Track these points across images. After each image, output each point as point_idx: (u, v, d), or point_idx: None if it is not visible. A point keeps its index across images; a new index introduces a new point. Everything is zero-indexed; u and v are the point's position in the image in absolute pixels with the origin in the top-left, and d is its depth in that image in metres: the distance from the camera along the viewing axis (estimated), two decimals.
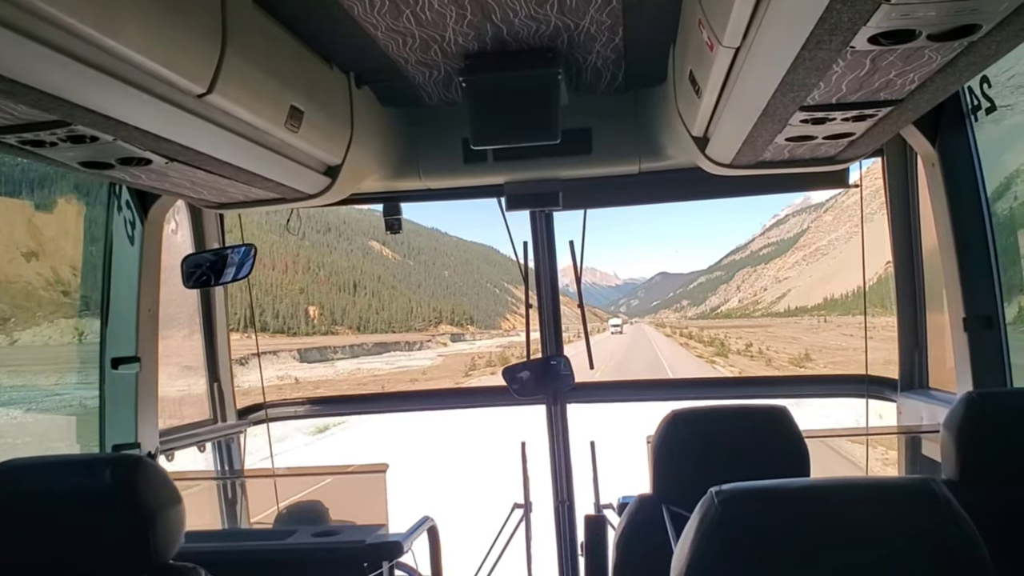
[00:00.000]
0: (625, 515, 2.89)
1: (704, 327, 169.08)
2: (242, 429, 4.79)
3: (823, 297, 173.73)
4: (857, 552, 1.44)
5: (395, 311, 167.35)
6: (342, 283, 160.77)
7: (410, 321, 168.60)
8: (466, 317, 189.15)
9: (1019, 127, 3.61)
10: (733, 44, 1.99)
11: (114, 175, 2.73)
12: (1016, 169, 3.92)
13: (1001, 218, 3.42)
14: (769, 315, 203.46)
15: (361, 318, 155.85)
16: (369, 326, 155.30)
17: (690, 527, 1.52)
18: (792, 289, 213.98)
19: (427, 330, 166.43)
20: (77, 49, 1.74)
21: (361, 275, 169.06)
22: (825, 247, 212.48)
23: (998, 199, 3.38)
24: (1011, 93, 3.27)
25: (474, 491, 18.83)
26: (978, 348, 3.46)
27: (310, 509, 3.90)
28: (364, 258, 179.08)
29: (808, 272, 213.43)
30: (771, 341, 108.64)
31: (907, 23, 1.64)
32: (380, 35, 2.78)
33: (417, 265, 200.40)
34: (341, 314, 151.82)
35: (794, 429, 2.78)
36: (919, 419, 3.95)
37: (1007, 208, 3.64)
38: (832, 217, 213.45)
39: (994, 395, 2.58)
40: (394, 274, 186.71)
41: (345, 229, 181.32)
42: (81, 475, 2.18)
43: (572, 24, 2.81)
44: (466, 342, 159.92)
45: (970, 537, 1.43)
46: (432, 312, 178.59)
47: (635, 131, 3.81)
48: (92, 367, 3.78)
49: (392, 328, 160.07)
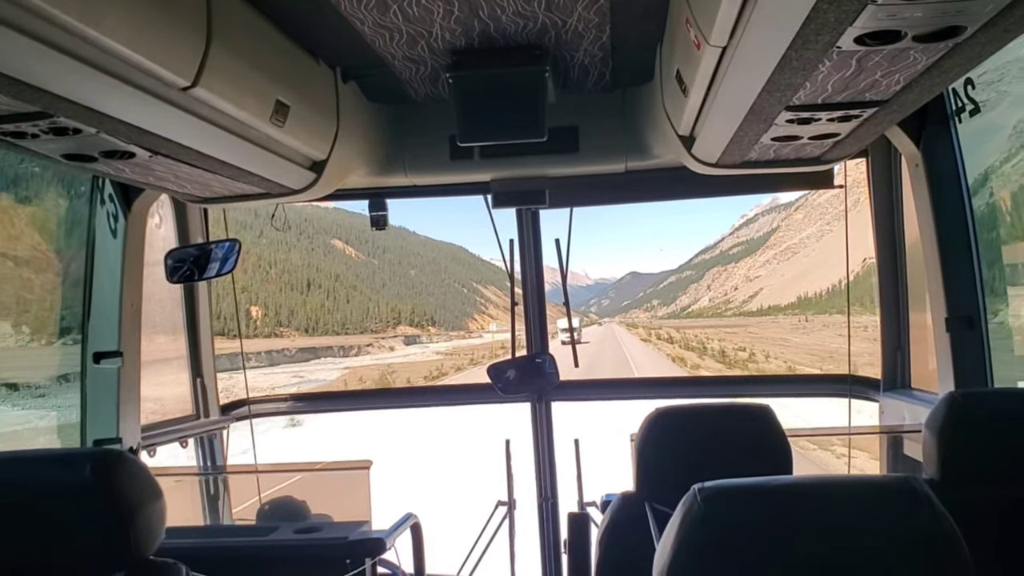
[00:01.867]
0: (608, 513, 2.90)
1: (681, 327, 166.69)
2: (225, 425, 4.77)
3: (797, 296, 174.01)
4: (839, 549, 1.45)
5: (351, 312, 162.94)
6: (294, 282, 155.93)
7: (366, 322, 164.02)
8: (426, 318, 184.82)
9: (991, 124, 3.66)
10: (720, 43, 1.99)
11: (97, 168, 2.70)
12: (989, 166, 3.97)
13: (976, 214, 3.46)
14: (742, 314, 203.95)
15: (310, 319, 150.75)
16: (319, 327, 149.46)
17: (672, 524, 1.53)
18: (764, 288, 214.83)
19: (384, 331, 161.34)
20: (60, 40, 1.72)
21: (317, 273, 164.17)
22: (796, 245, 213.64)
23: (973, 195, 3.43)
24: (982, 90, 3.31)
25: (454, 489, 18.85)
26: (960, 348, 3.48)
27: (292, 505, 3.89)
28: (326, 256, 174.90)
29: (780, 271, 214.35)
30: (760, 344, 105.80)
31: (893, 24, 1.64)
32: (367, 30, 2.77)
33: (382, 264, 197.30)
34: (288, 315, 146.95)
35: (777, 428, 2.79)
36: (901, 419, 3.98)
37: (982, 204, 3.68)
38: (803, 216, 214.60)
39: (976, 395, 2.60)
40: (356, 273, 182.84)
41: (306, 227, 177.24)
42: (60, 470, 2.16)
43: (560, 21, 2.80)
44: (419, 345, 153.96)
45: (951, 535, 1.44)
46: (390, 313, 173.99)
47: (622, 130, 3.81)
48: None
49: (346, 330, 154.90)
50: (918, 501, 1.46)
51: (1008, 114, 3.95)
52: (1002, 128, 4.06)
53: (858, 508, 1.49)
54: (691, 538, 1.47)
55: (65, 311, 4.00)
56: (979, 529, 1.81)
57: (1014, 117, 4.11)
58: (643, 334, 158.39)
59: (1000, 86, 3.56)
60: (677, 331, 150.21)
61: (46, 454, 2.39)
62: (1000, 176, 4.26)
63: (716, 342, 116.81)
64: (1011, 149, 4.28)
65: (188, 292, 4.64)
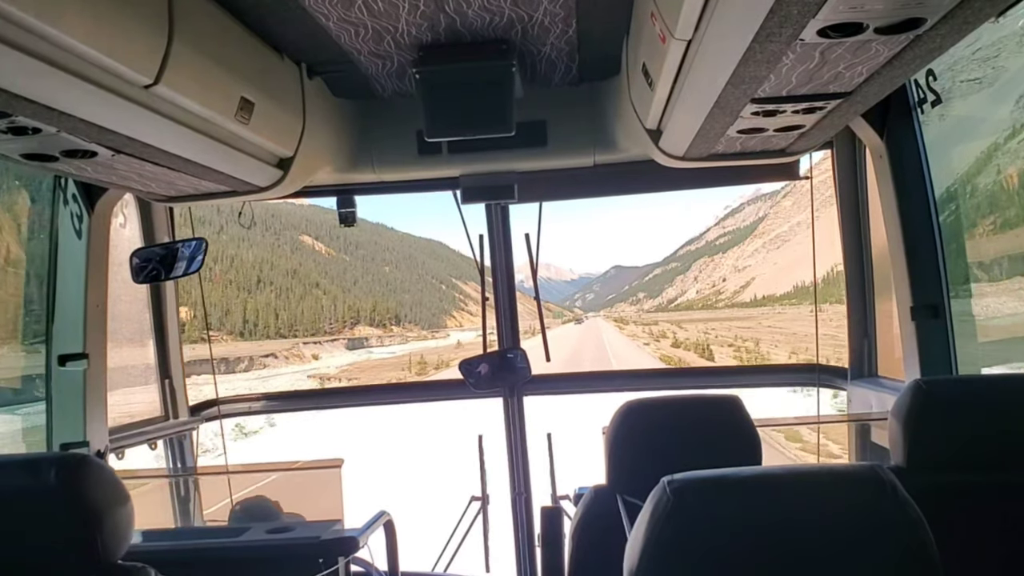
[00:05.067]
0: (580, 506, 2.91)
1: (680, 320, 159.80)
2: (194, 426, 4.73)
3: (792, 285, 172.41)
4: (807, 538, 1.47)
5: (302, 311, 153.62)
6: (241, 280, 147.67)
7: (319, 323, 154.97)
8: (389, 316, 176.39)
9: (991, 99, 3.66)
10: (685, 37, 2.00)
11: (59, 168, 2.66)
12: (992, 143, 3.96)
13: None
14: (735, 305, 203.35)
15: (248, 321, 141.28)
16: (258, 331, 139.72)
17: (643, 516, 1.54)
18: (756, 277, 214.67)
19: (339, 332, 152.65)
20: (16, 37, 1.68)
21: (272, 270, 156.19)
22: (786, 233, 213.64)
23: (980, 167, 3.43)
24: (978, 67, 3.32)
25: (427, 485, 18.84)
26: (925, 337, 3.53)
27: (264, 506, 3.87)
28: (293, 253, 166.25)
29: (772, 259, 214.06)
30: (770, 335, 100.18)
31: (855, 16, 1.66)
32: (332, 25, 2.75)
33: (354, 261, 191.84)
34: (223, 316, 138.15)
35: (746, 418, 2.82)
36: (868, 407, 4.03)
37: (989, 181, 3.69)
38: (792, 203, 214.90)
39: (940, 382, 2.63)
40: (325, 270, 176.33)
41: (273, 222, 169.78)
42: (24, 475, 2.12)
43: (526, 16, 2.80)
44: (365, 350, 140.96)
45: (916, 522, 1.46)
46: (348, 312, 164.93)
47: (590, 123, 3.82)
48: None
49: (294, 332, 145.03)
50: (883, 489, 1.49)
51: (1008, 90, 3.89)
52: (1005, 102, 4.02)
53: (825, 497, 1.51)
54: (661, 530, 1.48)
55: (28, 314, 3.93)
56: (944, 515, 1.84)
57: (1015, 91, 4.05)
58: (631, 328, 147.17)
59: (997, 62, 3.55)
60: (676, 324, 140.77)
61: (9, 459, 2.35)
62: (1007, 153, 4.25)
63: (714, 335, 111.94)
64: (1015, 124, 4.23)
65: (155, 293, 4.59)
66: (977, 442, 2.47)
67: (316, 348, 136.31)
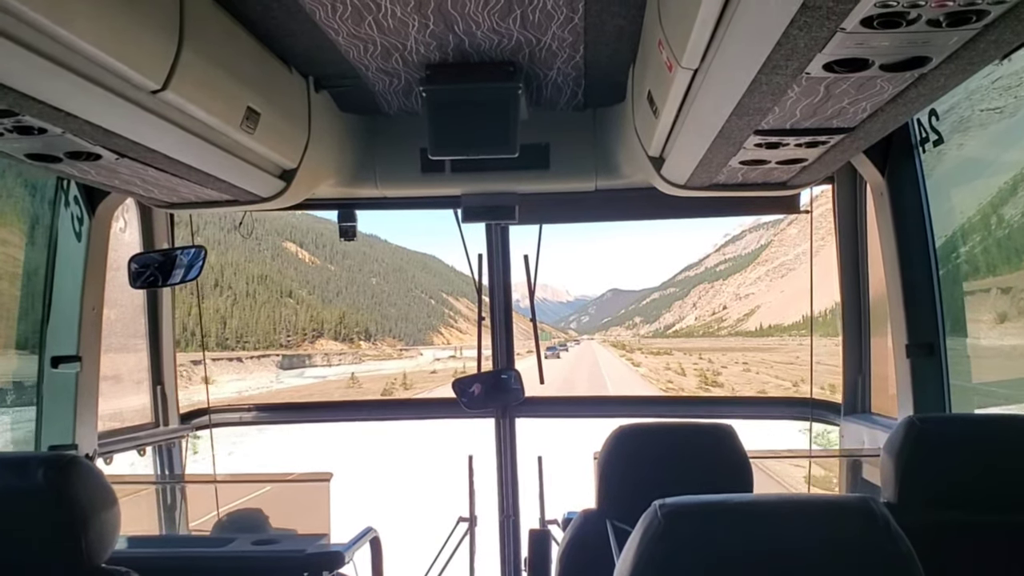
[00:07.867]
0: (569, 530, 2.89)
1: (690, 350, 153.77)
2: (184, 434, 4.70)
3: (802, 315, 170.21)
4: (797, 567, 1.46)
5: (257, 321, 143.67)
6: (191, 285, 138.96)
7: (275, 335, 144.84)
8: (358, 330, 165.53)
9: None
10: (692, 66, 2.01)
11: (62, 169, 2.67)
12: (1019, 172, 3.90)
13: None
14: (739, 334, 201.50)
15: (186, 330, 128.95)
16: (194, 342, 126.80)
17: (633, 540, 1.53)
18: (761, 305, 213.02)
19: (300, 346, 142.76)
20: (27, 37, 1.69)
21: (235, 274, 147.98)
22: (791, 262, 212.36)
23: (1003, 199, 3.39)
24: (999, 95, 3.31)
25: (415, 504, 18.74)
26: (920, 374, 3.54)
27: (251, 517, 3.84)
28: (273, 260, 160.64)
29: (778, 287, 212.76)
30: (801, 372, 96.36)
31: (861, 52, 1.68)
32: (341, 40, 2.77)
33: (340, 271, 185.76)
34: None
35: (739, 448, 2.80)
36: (861, 443, 4.02)
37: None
38: (797, 231, 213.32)
39: (933, 420, 2.63)
40: (306, 279, 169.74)
41: (256, 227, 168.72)
42: (11, 474, 2.10)
43: (534, 39, 2.82)
44: (300, 369, 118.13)
45: (907, 557, 1.46)
46: (310, 323, 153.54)
47: (593, 149, 3.83)
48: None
49: (243, 345, 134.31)
50: (875, 522, 1.48)
51: None
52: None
53: (816, 527, 1.50)
54: (650, 554, 1.48)
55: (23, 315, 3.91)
56: (934, 552, 1.83)
57: None
58: (630, 355, 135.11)
59: (1020, 91, 3.50)
60: (686, 354, 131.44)
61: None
62: None
63: (732, 365, 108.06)
64: None
65: (151, 299, 4.58)
66: (969, 481, 2.46)
67: (235, 365, 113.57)
